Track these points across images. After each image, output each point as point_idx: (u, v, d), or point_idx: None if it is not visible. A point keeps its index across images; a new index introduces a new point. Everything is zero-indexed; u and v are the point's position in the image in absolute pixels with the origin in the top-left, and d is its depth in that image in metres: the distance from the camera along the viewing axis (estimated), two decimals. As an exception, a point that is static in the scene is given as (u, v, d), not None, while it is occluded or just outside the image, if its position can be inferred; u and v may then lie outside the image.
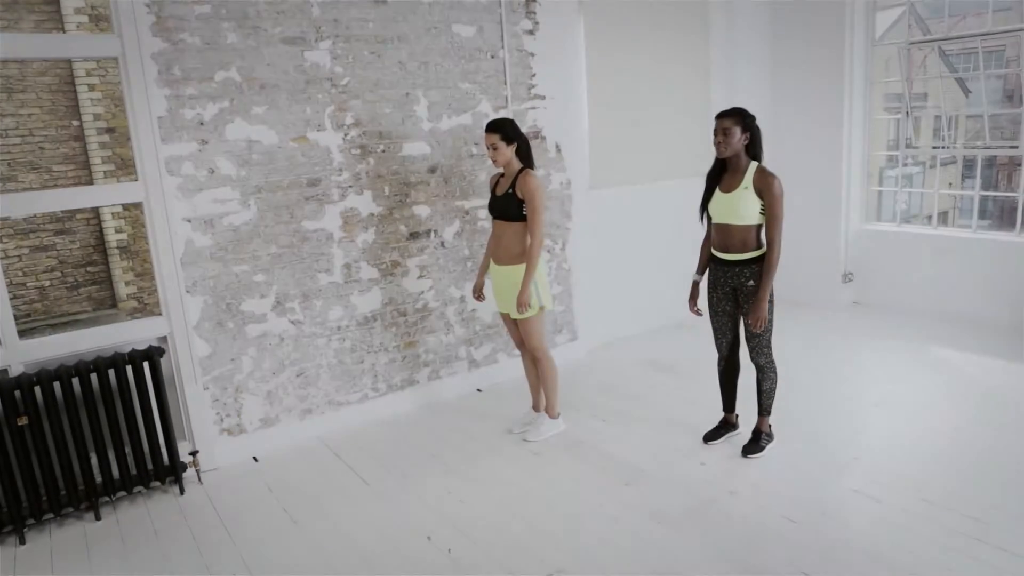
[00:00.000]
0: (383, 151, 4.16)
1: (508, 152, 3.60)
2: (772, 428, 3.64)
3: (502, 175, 3.73)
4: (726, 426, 3.75)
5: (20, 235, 8.54)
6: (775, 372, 3.52)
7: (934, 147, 13.08)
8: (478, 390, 4.69)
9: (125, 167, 8.73)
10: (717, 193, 3.42)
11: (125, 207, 8.86)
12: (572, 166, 4.96)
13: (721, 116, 3.33)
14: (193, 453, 3.68)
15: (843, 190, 5.83)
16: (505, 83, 4.56)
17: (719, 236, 3.45)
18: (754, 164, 3.34)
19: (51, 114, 8.50)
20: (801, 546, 2.81)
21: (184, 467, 3.61)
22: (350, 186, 4.08)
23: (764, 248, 3.38)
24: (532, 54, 4.66)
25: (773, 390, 3.55)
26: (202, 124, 3.61)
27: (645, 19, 5.31)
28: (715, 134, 3.33)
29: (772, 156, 6.13)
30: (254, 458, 3.93)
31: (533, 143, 4.72)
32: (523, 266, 3.64)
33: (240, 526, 3.26)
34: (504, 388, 4.66)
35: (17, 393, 3.15)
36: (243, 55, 3.67)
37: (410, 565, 2.87)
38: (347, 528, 3.18)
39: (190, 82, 3.55)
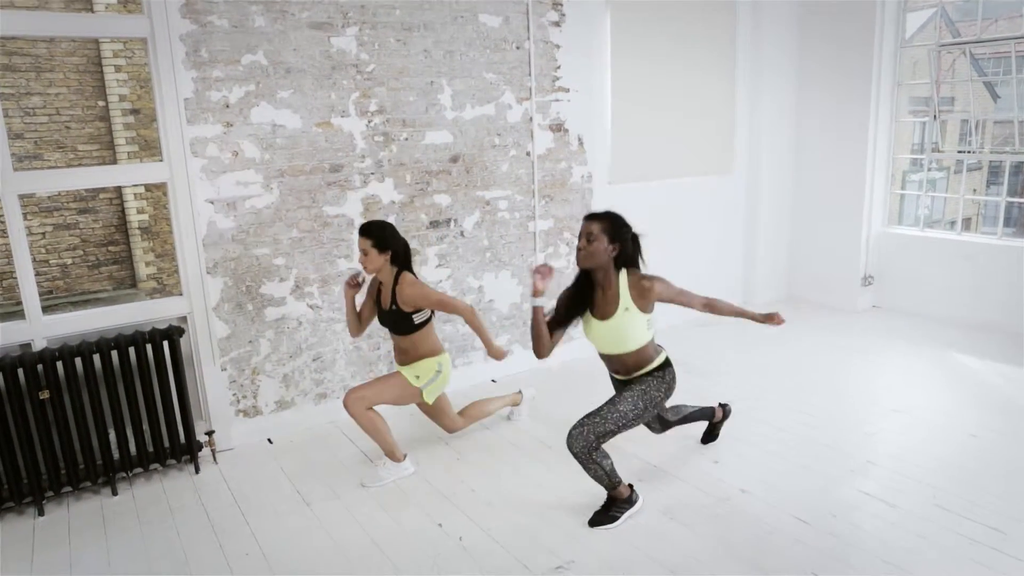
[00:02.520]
0: (406, 139, 4.17)
1: (379, 260, 3.32)
2: (634, 490, 3.07)
3: (381, 283, 3.47)
4: (715, 425, 3.64)
5: (44, 213, 8.66)
6: (596, 464, 2.88)
7: (960, 151, 12.91)
8: (492, 380, 4.70)
9: (148, 148, 8.83)
10: (594, 322, 2.93)
11: (147, 188, 8.97)
12: (593, 160, 4.94)
13: (589, 218, 2.83)
14: (209, 433, 3.72)
15: (866, 192, 5.77)
16: (530, 74, 4.54)
17: (611, 364, 3.09)
18: (623, 273, 2.84)
19: (78, 94, 8.61)
20: (812, 547, 2.80)
21: (200, 446, 3.65)
22: (372, 173, 4.09)
23: (664, 354, 3.06)
24: (557, 46, 4.65)
25: (602, 475, 2.92)
26: (228, 107, 3.63)
27: (672, 15, 5.27)
28: (579, 237, 2.83)
29: (795, 155, 6.13)
30: (269, 440, 3.97)
31: (556, 135, 4.73)
32: (426, 360, 3.49)
33: (253, 506, 3.30)
34: (519, 379, 4.65)
35: (40, 367, 3.20)
36: (270, 39, 3.68)
37: (421, 552, 2.89)
38: (359, 512, 3.20)
39: (217, 64, 3.57)
